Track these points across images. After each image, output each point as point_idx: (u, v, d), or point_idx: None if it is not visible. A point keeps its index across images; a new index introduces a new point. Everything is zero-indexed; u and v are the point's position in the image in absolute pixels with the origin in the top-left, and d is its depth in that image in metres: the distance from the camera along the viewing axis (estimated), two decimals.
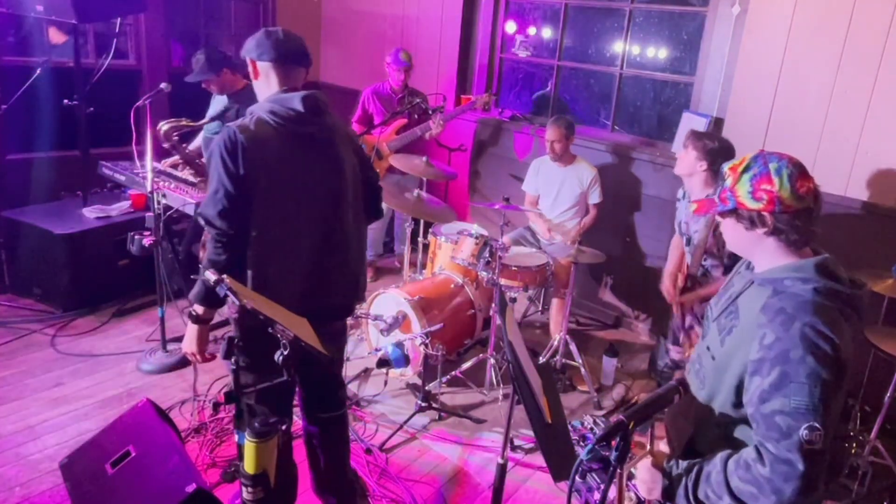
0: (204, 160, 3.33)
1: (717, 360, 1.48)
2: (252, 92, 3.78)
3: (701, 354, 1.58)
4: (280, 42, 2.00)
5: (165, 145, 3.14)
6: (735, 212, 1.42)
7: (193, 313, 2.03)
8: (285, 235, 2.00)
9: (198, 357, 2.08)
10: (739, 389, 1.41)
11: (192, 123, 3.20)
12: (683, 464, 1.46)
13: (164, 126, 3.04)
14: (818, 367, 1.27)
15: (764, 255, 1.45)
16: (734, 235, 1.48)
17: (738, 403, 1.42)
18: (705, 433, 1.52)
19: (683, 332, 3.02)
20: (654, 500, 1.50)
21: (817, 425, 1.25)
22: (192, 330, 2.05)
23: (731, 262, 2.83)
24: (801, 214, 1.37)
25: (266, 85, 2.05)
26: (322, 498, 2.48)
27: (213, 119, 2.95)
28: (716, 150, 2.84)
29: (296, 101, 1.96)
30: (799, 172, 1.38)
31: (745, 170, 1.40)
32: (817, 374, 1.27)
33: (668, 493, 1.47)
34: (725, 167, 1.46)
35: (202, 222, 1.94)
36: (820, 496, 1.45)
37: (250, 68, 2.06)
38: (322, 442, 2.39)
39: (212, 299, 1.96)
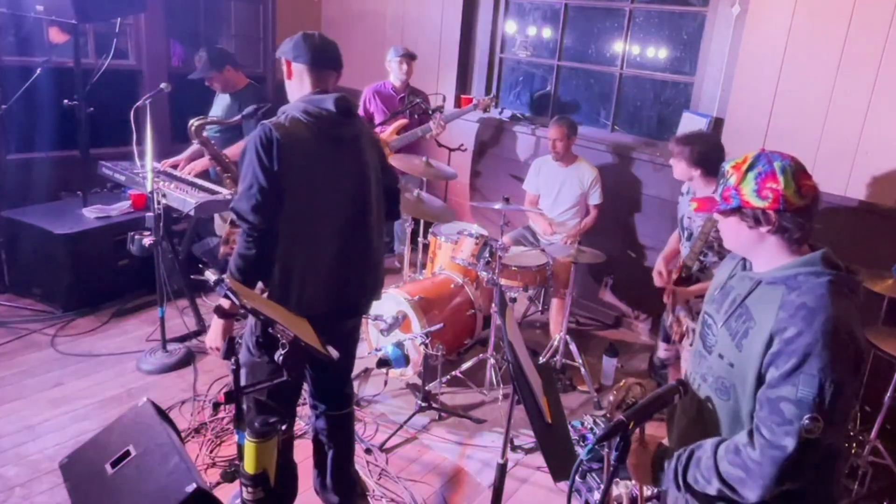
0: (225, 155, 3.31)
1: (736, 367, 1.44)
2: (254, 90, 3.83)
3: (713, 366, 1.51)
4: (316, 46, 2.07)
5: (195, 142, 3.12)
6: (739, 210, 1.42)
7: (220, 308, 2.03)
8: (313, 231, 2.05)
9: (221, 352, 2.06)
10: (758, 390, 1.39)
11: (223, 121, 3.22)
12: (674, 449, 1.47)
13: (195, 123, 3.01)
14: (834, 361, 1.27)
15: (765, 253, 1.44)
16: (735, 234, 1.47)
17: None
18: None
19: (672, 316, 3.01)
20: (643, 485, 1.50)
21: (819, 417, 1.26)
22: (216, 324, 2.06)
23: None
24: (803, 212, 1.38)
25: (299, 85, 2.11)
26: (324, 496, 2.48)
27: (244, 118, 2.89)
28: (703, 154, 2.87)
29: (328, 102, 2.02)
30: (802, 170, 1.39)
31: (750, 168, 1.40)
32: (831, 368, 1.27)
33: (657, 478, 1.47)
34: (727, 166, 1.45)
35: (234, 217, 1.98)
36: (836, 495, 1.45)
37: (284, 68, 2.12)
38: (329, 439, 2.41)
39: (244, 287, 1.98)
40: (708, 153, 2.87)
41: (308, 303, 2.05)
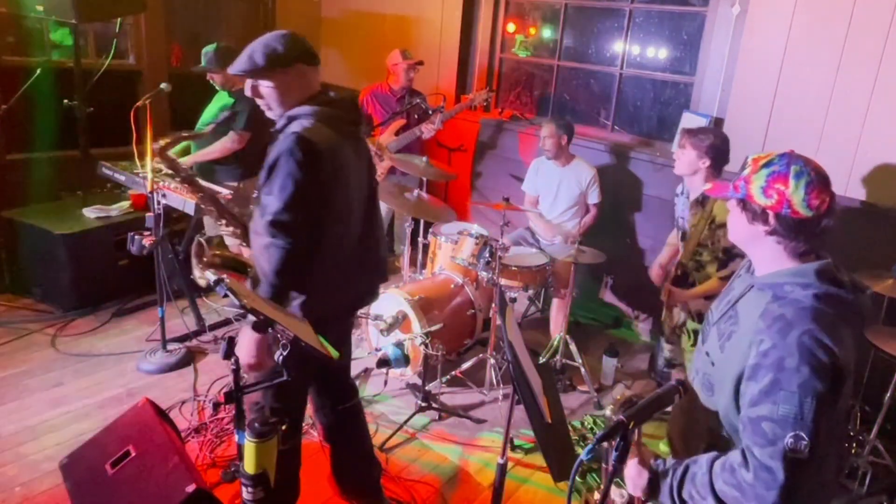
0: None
1: (716, 366, 1.46)
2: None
3: (703, 362, 1.54)
4: (301, 41, 2.01)
5: (163, 165, 2.57)
6: (743, 201, 1.41)
7: (257, 323, 1.87)
8: (340, 232, 2.05)
9: (259, 369, 1.91)
10: (738, 396, 1.38)
11: (191, 134, 2.94)
12: (670, 462, 1.46)
13: (160, 142, 2.59)
14: (812, 377, 1.24)
15: (763, 254, 1.43)
16: (736, 225, 1.46)
17: (739, 411, 1.40)
18: (721, 443, 1.49)
19: (666, 313, 3.02)
20: (639, 497, 1.50)
21: (803, 435, 1.23)
22: (250, 339, 1.85)
23: (725, 256, 2.82)
24: (806, 224, 1.34)
25: (305, 85, 2.02)
26: (351, 484, 2.52)
27: (217, 125, 2.53)
28: (716, 145, 2.84)
29: (343, 102, 2.04)
30: (819, 183, 1.35)
31: (766, 164, 1.38)
32: (810, 384, 1.24)
33: (653, 491, 1.47)
34: (750, 157, 1.44)
35: (271, 230, 1.86)
36: (830, 495, 1.44)
37: (281, 79, 1.97)
38: (344, 432, 2.43)
39: (279, 304, 1.92)
40: (720, 145, 2.86)
41: (338, 304, 2.11)
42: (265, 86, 1.98)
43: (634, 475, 1.48)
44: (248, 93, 2.03)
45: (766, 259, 1.43)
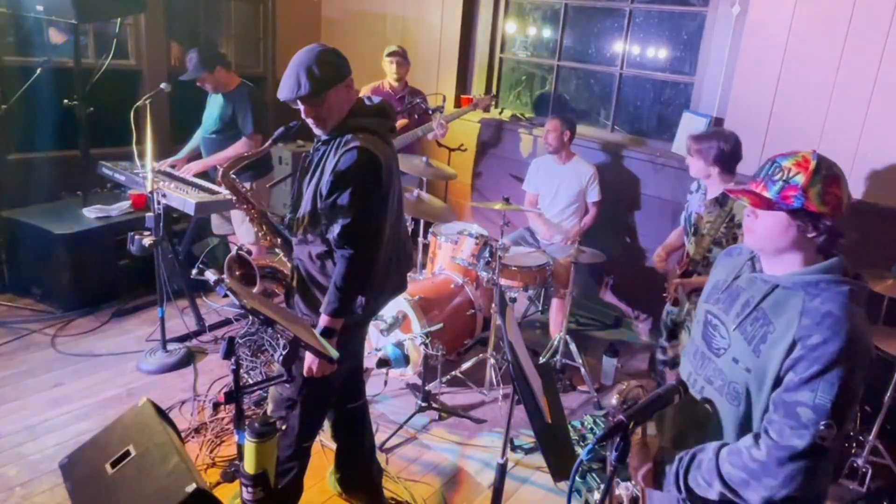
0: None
1: (753, 372, 1.40)
2: (246, 91, 3.81)
3: (724, 370, 1.47)
4: (340, 52, 2.00)
5: (224, 187, 2.40)
6: (798, 212, 1.35)
7: (328, 328, 1.99)
8: (391, 234, 2.11)
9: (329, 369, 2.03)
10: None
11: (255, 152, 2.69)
12: (676, 451, 1.46)
13: (223, 168, 2.36)
14: (853, 370, 1.28)
15: (792, 257, 1.41)
16: (777, 234, 1.39)
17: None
18: None
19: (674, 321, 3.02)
20: (643, 486, 1.50)
21: (833, 424, 1.27)
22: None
23: None
24: (843, 221, 1.37)
25: (353, 96, 2.03)
26: (355, 486, 2.55)
27: (274, 141, 2.26)
28: (722, 152, 2.85)
29: (384, 111, 2.07)
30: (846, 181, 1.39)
31: (816, 171, 1.35)
32: (850, 377, 1.28)
33: (658, 480, 1.47)
34: (785, 162, 1.38)
35: (342, 241, 1.94)
36: (822, 491, 1.45)
37: (335, 96, 1.95)
38: (354, 431, 2.46)
39: (347, 311, 2.01)
40: (730, 152, 2.86)
41: (381, 299, 2.21)
42: (322, 105, 1.94)
43: (639, 464, 1.49)
44: (303, 115, 1.98)
45: (792, 260, 1.41)
